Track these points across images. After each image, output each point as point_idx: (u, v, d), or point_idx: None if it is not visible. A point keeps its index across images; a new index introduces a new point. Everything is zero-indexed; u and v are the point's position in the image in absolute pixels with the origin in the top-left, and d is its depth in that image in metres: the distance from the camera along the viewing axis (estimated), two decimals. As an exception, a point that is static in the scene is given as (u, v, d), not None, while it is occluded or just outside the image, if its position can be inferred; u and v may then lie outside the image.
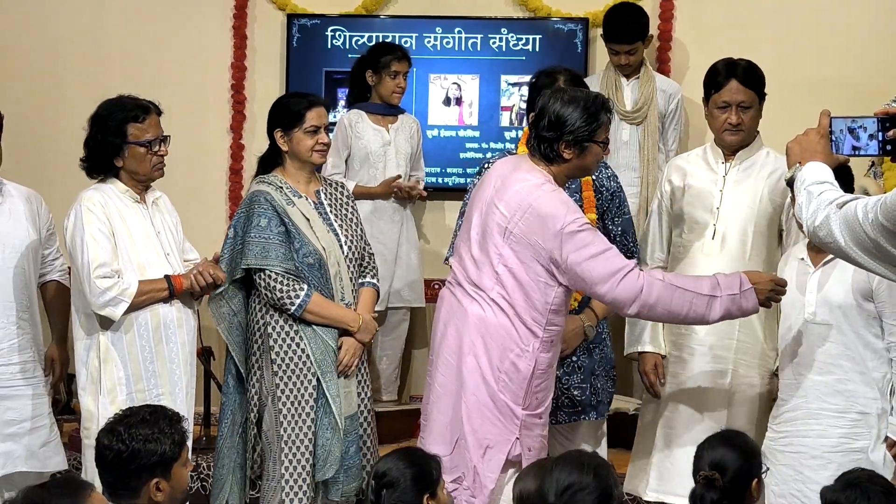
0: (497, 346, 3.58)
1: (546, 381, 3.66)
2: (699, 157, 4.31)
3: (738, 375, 4.12)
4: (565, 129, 3.56)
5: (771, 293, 3.62)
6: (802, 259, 3.86)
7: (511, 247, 3.55)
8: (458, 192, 5.91)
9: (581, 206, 4.01)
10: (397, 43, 5.84)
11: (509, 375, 3.58)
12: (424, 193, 5.60)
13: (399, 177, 5.46)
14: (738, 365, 4.12)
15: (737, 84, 4.08)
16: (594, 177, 4.08)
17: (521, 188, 3.57)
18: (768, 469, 3.33)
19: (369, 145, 5.45)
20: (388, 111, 5.55)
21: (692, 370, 4.16)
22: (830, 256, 3.75)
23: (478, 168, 4.35)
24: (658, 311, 3.56)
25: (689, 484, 3.96)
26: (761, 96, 4.16)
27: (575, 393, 4.07)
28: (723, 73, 4.12)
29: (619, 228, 4.16)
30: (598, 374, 4.13)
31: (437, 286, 5.73)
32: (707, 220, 4.17)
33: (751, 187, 4.16)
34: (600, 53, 6.00)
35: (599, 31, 5.92)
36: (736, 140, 4.15)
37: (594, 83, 5.44)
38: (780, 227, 4.20)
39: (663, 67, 6.00)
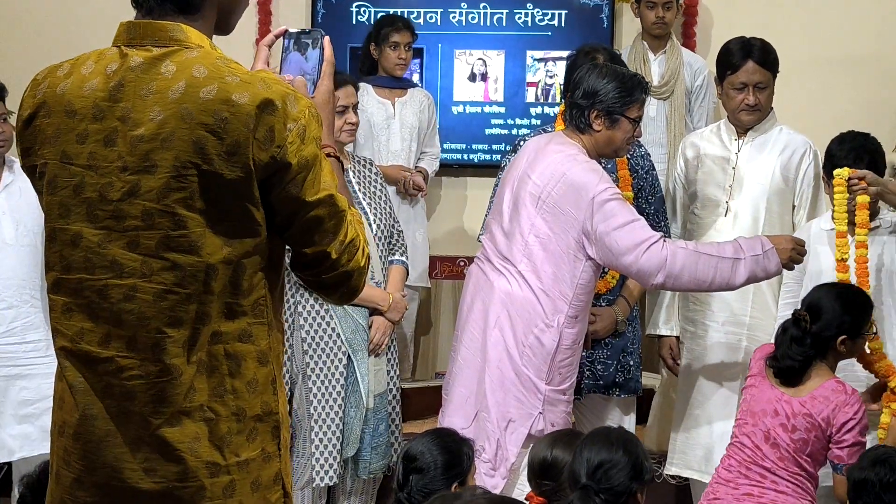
0: (522, 321, 3.59)
1: (571, 358, 3.66)
2: (714, 133, 4.32)
3: (750, 350, 4.13)
4: (598, 98, 3.58)
5: (792, 252, 3.62)
6: (833, 229, 3.89)
7: (543, 216, 3.56)
8: (484, 169, 5.93)
9: (617, 185, 4.02)
10: (423, 19, 5.81)
11: (533, 350, 3.59)
12: (424, 192, 5.44)
13: (413, 171, 5.39)
14: (751, 340, 4.15)
15: (753, 65, 4.07)
16: (628, 156, 4.09)
17: (555, 158, 3.58)
18: (876, 333, 3.58)
19: (372, 118, 5.36)
20: (394, 84, 5.46)
21: (707, 346, 4.21)
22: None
23: (509, 147, 4.34)
24: (684, 280, 3.54)
25: (701, 458, 4.08)
26: (775, 75, 4.15)
27: (598, 368, 4.09)
28: (738, 54, 4.09)
29: (653, 207, 4.16)
30: (630, 352, 4.15)
31: (462, 263, 5.75)
32: (719, 197, 4.19)
33: (763, 164, 4.16)
34: (626, 29, 5.96)
35: (626, 5, 5.88)
36: (752, 120, 4.15)
37: (622, 58, 5.41)
38: (792, 202, 4.20)
39: (689, 42, 5.94)
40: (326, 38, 2.16)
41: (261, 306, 1.99)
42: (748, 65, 4.07)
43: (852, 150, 3.87)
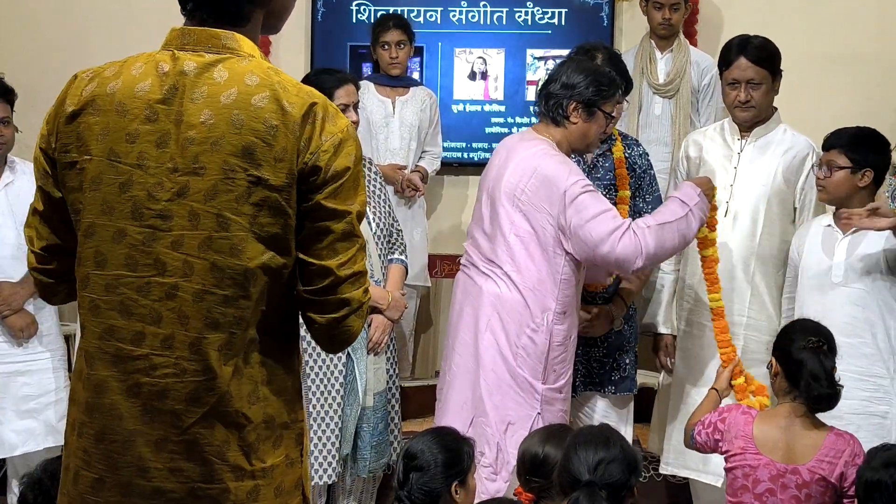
0: (513, 322, 3.61)
1: (564, 354, 3.67)
2: (717, 132, 4.32)
3: (747, 351, 4.15)
4: (576, 90, 3.63)
5: (710, 190, 3.80)
6: (829, 226, 3.93)
7: (521, 214, 3.60)
8: (484, 167, 5.92)
9: (614, 184, 4.04)
10: (423, 17, 5.79)
11: (527, 350, 3.61)
12: (421, 192, 5.42)
13: (404, 167, 5.39)
14: (748, 341, 4.16)
15: (746, 61, 4.08)
16: (626, 154, 4.11)
17: (527, 154, 3.63)
18: None
19: (371, 116, 5.35)
20: (395, 83, 5.45)
21: (703, 346, 4.21)
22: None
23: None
24: (660, 256, 3.68)
25: (699, 458, 4.08)
26: (774, 73, 4.14)
27: (595, 366, 4.09)
28: (734, 51, 4.12)
29: (650, 206, 4.17)
30: (626, 350, 4.16)
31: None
32: (720, 198, 4.18)
33: (765, 165, 4.16)
34: (626, 27, 5.97)
35: (626, 4, 5.88)
36: (747, 117, 4.15)
37: (629, 57, 5.40)
38: (793, 204, 4.20)
39: (690, 41, 5.93)
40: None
41: (294, 316, 2.05)
42: (740, 61, 4.08)
43: (841, 135, 3.90)
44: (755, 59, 4.08)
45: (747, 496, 3.27)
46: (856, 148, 3.85)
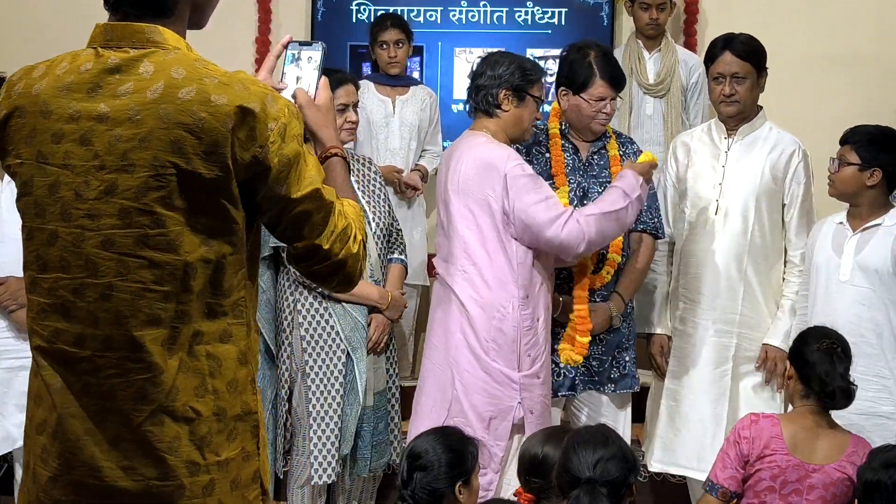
0: (480, 318, 3.67)
1: (535, 338, 3.71)
2: (704, 132, 4.35)
3: (741, 349, 4.18)
4: (504, 78, 3.73)
5: (648, 174, 3.89)
6: (841, 223, 3.96)
7: (469, 207, 3.67)
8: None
9: (610, 182, 4.03)
10: (423, 17, 5.79)
11: (497, 342, 3.66)
12: (420, 191, 5.44)
13: (401, 171, 5.38)
14: (742, 339, 4.18)
15: (731, 56, 4.12)
16: (621, 153, 4.11)
17: (466, 149, 3.72)
18: None
19: (371, 115, 5.35)
20: (394, 82, 5.45)
21: (696, 344, 4.22)
22: (871, 222, 3.85)
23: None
24: (598, 242, 3.76)
25: (692, 455, 4.08)
26: (759, 69, 4.16)
27: (594, 364, 4.09)
28: (719, 46, 4.17)
29: (645, 203, 4.17)
30: (626, 348, 4.16)
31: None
32: (710, 196, 4.21)
33: (752, 163, 4.19)
34: (626, 27, 5.96)
35: (625, 2, 5.88)
36: (731, 111, 4.17)
37: (616, 56, 5.40)
38: (782, 200, 4.22)
39: (690, 41, 5.96)
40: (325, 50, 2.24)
41: (240, 307, 2.01)
42: (725, 55, 4.13)
43: (858, 132, 3.93)
44: (740, 53, 4.11)
45: (772, 496, 3.27)
46: (868, 146, 3.87)
